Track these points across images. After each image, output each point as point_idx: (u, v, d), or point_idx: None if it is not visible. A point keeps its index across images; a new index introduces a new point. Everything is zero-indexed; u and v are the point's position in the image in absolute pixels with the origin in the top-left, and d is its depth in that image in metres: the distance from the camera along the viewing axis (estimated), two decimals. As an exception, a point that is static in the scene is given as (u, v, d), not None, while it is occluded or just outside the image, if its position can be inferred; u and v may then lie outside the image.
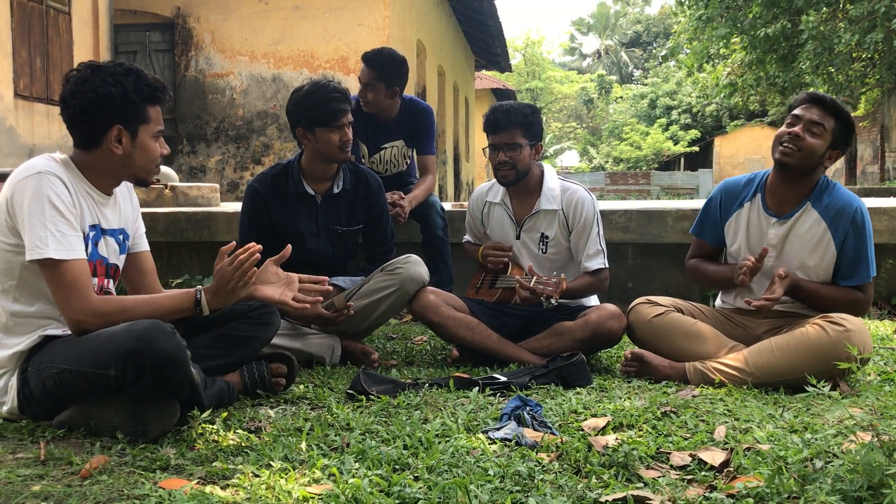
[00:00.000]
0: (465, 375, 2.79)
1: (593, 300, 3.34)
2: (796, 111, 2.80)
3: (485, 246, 3.36)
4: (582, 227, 3.19)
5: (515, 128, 3.12)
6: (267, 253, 3.26)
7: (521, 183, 3.22)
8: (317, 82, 3.12)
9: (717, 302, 3.15)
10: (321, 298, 2.57)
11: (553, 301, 2.91)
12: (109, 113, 2.19)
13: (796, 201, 2.84)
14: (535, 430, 2.14)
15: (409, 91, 4.17)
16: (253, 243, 2.27)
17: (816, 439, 1.99)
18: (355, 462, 1.87)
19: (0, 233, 2.17)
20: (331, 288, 2.55)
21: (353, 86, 9.93)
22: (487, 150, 3.22)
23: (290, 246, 2.46)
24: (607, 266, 3.22)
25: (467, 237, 3.58)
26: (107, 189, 2.32)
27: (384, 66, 3.96)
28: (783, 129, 2.80)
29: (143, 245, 2.53)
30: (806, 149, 2.74)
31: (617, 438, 2.02)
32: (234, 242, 2.31)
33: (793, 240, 2.84)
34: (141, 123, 2.24)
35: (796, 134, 2.73)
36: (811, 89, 15.84)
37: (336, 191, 3.26)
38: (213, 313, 2.56)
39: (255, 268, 2.27)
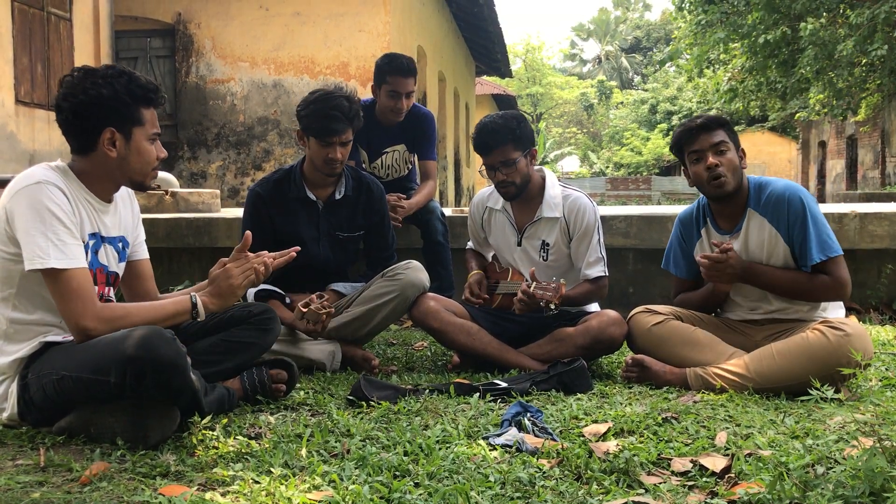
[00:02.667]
0: (466, 381, 2.79)
1: (594, 306, 3.33)
2: (690, 148, 2.84)
3: (469, 283, 3.30)
4: (582, 234, 3.19)
5: (506, 145, 3.09)
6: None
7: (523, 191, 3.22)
8: (330, 93, 3.11)
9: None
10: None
11: (552, 307, 2.91)
12: (101, 115, 2.18)
13: (739, 212, 2.87)
14: (535, 436, 2.14)
15: (410, 96, 4.18)
16: (266, 252, 2.36)
17: (818, 445, 1.99)
18: (356, 468, 1.87)
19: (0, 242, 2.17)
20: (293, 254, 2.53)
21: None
22: (484, 170, 3.20)
23: (297, 248, 2.48)
24: (607, 274, 3.22)
25: (470, 244, 3.57)
26: (106, 196, 2.32)
27: (415, 70, 4.01)
28: (695, 168, 2.83)
29: (143, 253, 2.53)
30: (728, 168, 2.78)
31: (618, 444, 2.02)
32: (230, 256, 2.36)
33: (751, 248, 2.85)
34: (135, 125, 2.22)
35: (713, 164, 2.78)
36: (811, 94, 15.90)
37: (338, 197, 3.26)
38: (218, 315, 2.57)
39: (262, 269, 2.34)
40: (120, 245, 2.39)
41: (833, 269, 2.77)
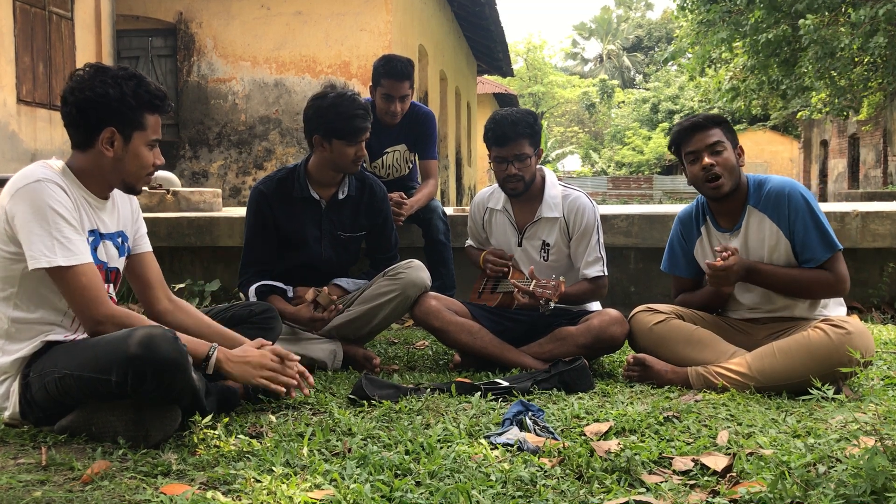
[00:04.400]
0: (467, 380, 2.78)
1: (595, 305, 3.33)
2: (687, 148, 2.84)
3: (486, 252, 3.35)
4: (582, 234, 3.19)
5: (523, 139, 3.10)
6: (273, 256, 3.27)
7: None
8: (341, 94, 3.11)
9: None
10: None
11: (551, 304, 2.91)
12: (104, 113, 2.18)
13: (739, 210, 2.87)
14: (537, 435, 2.14)
15: (412, 96, 4.16)
16: (301, 368, 2.34)
17: (819, 444, 1.99)
18: (357, 467, 1.87)
19: (0, 241, 2.17)
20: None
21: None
22: (492, 163, 3.19)
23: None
24: (606, 274, 3.22)
25: (469, 242, 3.57)
26: (103, 193, 2.32)
27: (411, 73, 3.96)
28: (691, 169, 2.84)
29: (146, 246, 2.52)
30: (725, 168, 2.78)
31: (619, 443, 2.02)
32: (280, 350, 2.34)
33: (751, 245, 2.85)
34: (136, 129, 2.22)
35: (709, 164, 2.77)
36: (813, 93, 15.89)
37: (341, 196, 3.26)
38: (220, 313, 2.56)
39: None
40: (119, 240, 2.39)
41: (834, 266, 2.77)
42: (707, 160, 2.78)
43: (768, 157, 30.82)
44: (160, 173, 5.77)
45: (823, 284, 2.78)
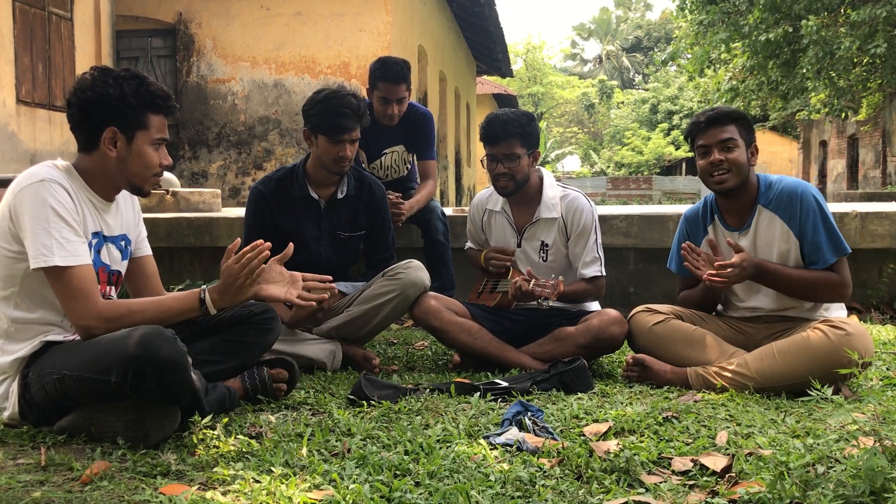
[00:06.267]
0: (467, 381, 2.79)
1: (594, 305, 3.33)
2: (700, 141, 2.85)
3: (488, 249, 3.36)
4: (580, 234, 3.19)
5: (513, 139, 3.11)
6: (273, 256, 3.27)
7: (520, 191, 3.22)
8: (337, 92, 3.12)
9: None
10: (326, 296, 2.59)
11: (548, 303, 2.92)
12: (105, 113, 2.19)
13: (748, 209, 2.86)
14: (536, 435, 2.14)
15: (411, 96, 4.16)
16: (261, 241, 2.28)
17: (818, 444, 1.99)
18: (356, 468, 1.87)
19: (2, 239, 2.17)
20: (334, 287, 2.56)
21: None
22: (485, 160, 3.21)
23: (291, 245, 2.45)
24: (604, 274, 3.22)
25: (469, 244, 3.57)
26: (108, 195, 2.32)
27: (407, 75, 3.96)
28: (700, 162, 2.85)
29: (146, 249, 2.53)
30: (734, 165, 2.78)
31: (618, 444, 2.02)
32: (238, 240, 2.31)
33: (760, 245, 2.84)
34: (138, 129, 2.22)
35: (717, 161, 2.78)
36: (812, 94, 15.90)
37: (340, 196, 3.27)
38: (219, 313, 2.57)
39: (263, 265, 2.28)
40: (122, 243, 2.40)
41: (840, 269, 2.77)
42: (716, 156, 2.78)
43: (767, 157, 30.81)
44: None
45: (830, 286, 2.77)
